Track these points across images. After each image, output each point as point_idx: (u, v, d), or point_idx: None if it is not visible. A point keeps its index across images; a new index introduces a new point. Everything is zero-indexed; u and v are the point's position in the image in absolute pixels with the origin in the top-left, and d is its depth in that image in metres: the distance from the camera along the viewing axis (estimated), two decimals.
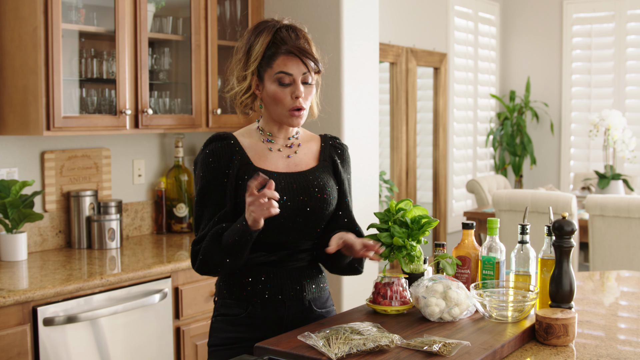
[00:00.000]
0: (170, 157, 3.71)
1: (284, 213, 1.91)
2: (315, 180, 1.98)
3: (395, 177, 5.76)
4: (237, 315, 1.97)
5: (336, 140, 2.12)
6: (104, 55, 3.13)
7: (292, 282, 1.98)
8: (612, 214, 4.42)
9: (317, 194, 1.96)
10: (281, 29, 1.94)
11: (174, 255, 3.08)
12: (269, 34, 1.93)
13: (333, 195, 2.00)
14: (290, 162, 2.00)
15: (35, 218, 2.90)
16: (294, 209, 1.93)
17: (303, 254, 2.01)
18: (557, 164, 7.04)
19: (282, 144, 2.02)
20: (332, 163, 2.06)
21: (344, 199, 2.05)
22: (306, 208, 1.94)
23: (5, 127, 2.92)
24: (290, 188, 1.94)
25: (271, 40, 1.92)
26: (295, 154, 2.02)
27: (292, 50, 1.90)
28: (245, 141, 1.99)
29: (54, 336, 2.49)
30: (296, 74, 1.92)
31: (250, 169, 1.94)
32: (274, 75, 1.92)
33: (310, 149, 2.06)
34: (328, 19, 3.54)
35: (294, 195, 1.94)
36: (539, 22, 7.05)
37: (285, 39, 1.91)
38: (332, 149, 2.08)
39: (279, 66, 1.91)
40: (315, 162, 2.04)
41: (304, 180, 1.97)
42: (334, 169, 2.06)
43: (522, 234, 2.08)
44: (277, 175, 1.95)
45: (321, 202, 1.96)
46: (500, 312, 1.93)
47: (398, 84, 5.70)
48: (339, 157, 2.08)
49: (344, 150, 2.11)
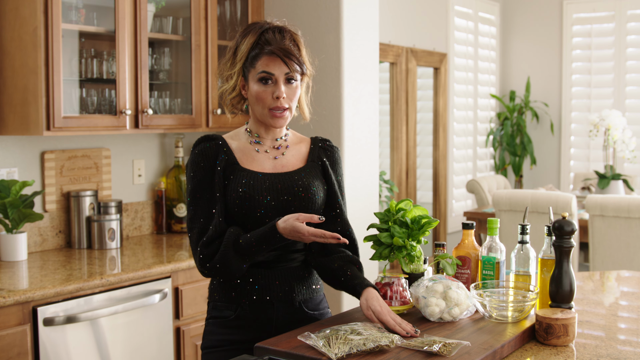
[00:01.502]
0: (170, 157, 3.71)
1: (268, 212, 1.92)
2: (300, 180, 1.98)
3: (395, 177, 5.76)
4: (227, 317, 1.97)
5: (326, 142, 2.12)
6: (104, 55, 3.13)
7: (281, 283, 1.98)
8: (612, 214, 4.42)
9: (301, 194, 1.96)
10: (268, 30, 1.95)
11: (174, 255, 3.08)
12: (254, 34, 1.95)
13: (318, 194, 2.00)
14: (277, 164, 2.01)
15: (35, 218, 2.90)
16: (279, 209, 1.93)
17: (295, 255, 2.01)
18: (557, 164, 7.04)
19: (269, 145, 2.03)
20: (321, 164, 2.06)
21: (336, 199, 2.05)
22: (290, 208, 1.95)
23: (5, 127, 2.92)
24: (275, 188, 1.95)
25: (256, 41, 1.94)
26: (282, 155, 2.03)
27: (274, 51, 1.91)
28: (233, 143, 2.01)
29: (54, 336, 2.49)
30: (278, 74, 1.93)
31: (237, 169, 1.95)
32: (257, 75, 1.94)
33: (298, 150, 2.07)
34: (328, 19, 3.54)
35: (277, 194, 1.94)
36: (539, 22, 7.05)
37: (269, 40, 1.93)
38: (321, 151, 2.08)
39: (261, 66, 1.93)
40: (303, 164, 2.04)
41: (289, 180, 1.97)
42: (323, 170, 2.06)
43: (522, 234, 2.08)
44: (262, 175, 1.96)
45: (305, 201, 1.96)
46: (500, 312, 1.93)
47: (398, 84, 5.70)
48: (327, 158, 2.08)
49: (334, 151, 2.11)
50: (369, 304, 1.87)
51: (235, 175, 1.94)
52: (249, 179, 1.94)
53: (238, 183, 1.93)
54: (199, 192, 1.94)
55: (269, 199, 1.93)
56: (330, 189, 2.05)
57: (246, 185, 1.93)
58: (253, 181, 1.94)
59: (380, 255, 2.03)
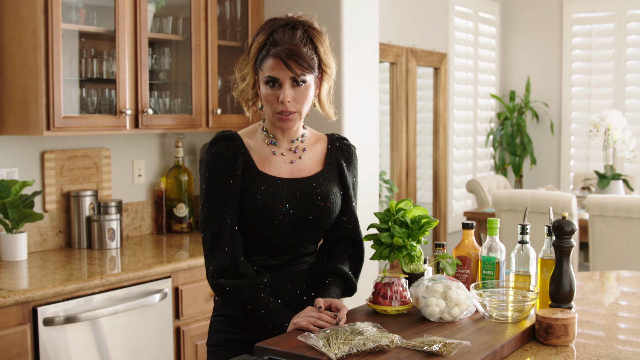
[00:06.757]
0: (170, 157, 3.71)
1: (286, 220, 1.91)
2: (319, 187, 1.96)
3: (395, 177, 5.76)
4: (237, 316, 1.96)
5: (344, 142, 2.08)
6: (104, 55, 3.13)
7: (292, 286, 1.98)
8: (612, 214, 4.42)
9: (320, 202, 1.94)
10: (278, 28, 1.89)
11: (174, 255, 3.08)
12: (264, 34, 1.90)
13: (337, 202, 1.99)
14: (294, 168, 1.98)
15: (35, 218, 2.90)
16: (297, 217, 1.92)
17: (305, 258, 2.01)
18: (557, 164, 7.04)
19: (286, 147, 1.99)
20: (338, 167, 2.03)
21: (349, 204, 2.03)
22: (309, 216, 1.93)
23: (5, 127, 2.92)
24: (294, 195, 1.92)
25: (264, 41, 1.89)
26: (299, 159, 1.99)
27: (278, 54, 1.85)
28: (250, 142, 1.97)
29: (54, 336, 2.49)
30: (283, 77, 1.87)
31: (255, 174, 1.92)
32: (263, 78, 1.90)
33: (315, 152, 2.03)
34: (328, 19, 3.54)
35: (297, 202, 1.92)
36: (539, 22, 7.05)
37: (277, 41, 1.87)
38: (339, 152, 2.05)
39: (267, 70, 1.88)
40: (320, 167, 2.01)
41: (308, 187, 1.95)
42: (340, 173, 2.03)
43: (522, 234, 2.08)
44: (280, 181, 1.93)
45: (324, 210, 1.95)
46: (500, 312, 1.93)
47: (398, 84, 5.70)
48: (345, 159, 2.05)
49: (352, 152, 2.07)
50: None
51: (253, 180, 1.91)
52: (268, 185, 1.91)
53: (257, 189, 1.90)
54: (213, 193, 1.91)
55: (288, 207, 1.90)
56: (345, 194, 2.03)
57: (265, 193, 1.90)
58: (272, 188, 1.91)
59: (380, 255, 2.03)
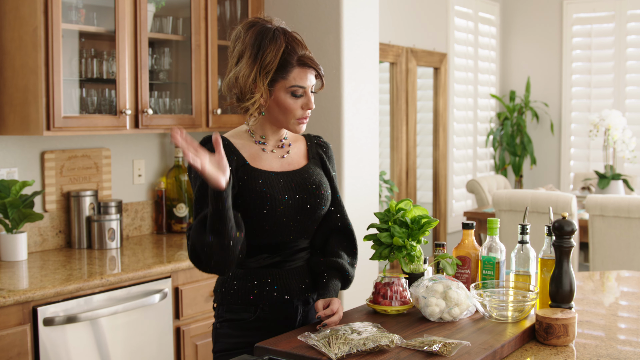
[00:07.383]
0: (170, 157, 3.71)
1: (286, 211, 1.93)
2: (311, 177, 2.00)
3: (395, 177, 5.76)
4: (246, 319, 1.96)
5: (320, 139, 2.15)
6: (104, 55, 3.13)
7: (297, 281, 1.99)
8: (612, 214, 4.42)
9: (315, 191, 1.98)
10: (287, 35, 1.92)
11: (174, 255, 3.08)
12: (281, 42, 1.89)
13: (328, 191, 2.03)
14: (284, 162, 2.02)
15: (35, 218, 2.90)
16: (295, 207, 1.95)
17: (302, 253, 2.02)
18: (557, 164, 7.04)
19: (273, 144, 2.03)
20: (321, 160, 2.09)
21: (335, 194, 2.07)
22: (306, 205, 1.96)
23: (5, 127, 2.92)
24: (290, 187, 1.96)
25: (284, 50, 1.89)
26: (288, 153, 2.04)
27: (306, 62, 1.91)
28: (238, 142, 1.99)
29: (54, 336, 2.49)
30: (307, 85, 1.94)
31: (249, 169, 1.94)
32: (288, 88, 1.91)
33: (299, 148, 2.08)
34: (328, 19, 3.54)
35: (293, 193, 1.95)
36: (539, 22, 7.05)
37: (295, 49, 1.91)
38: (318, 147, 2.11)
39: (295, 79, 1.91)
40: (306, 161, 2.06)
41: (301, 178, 1.99)
42: (323, 166, 2.09)
43: (522, 234, 2.08)
44: (274, 174, 1.96)
45: (319, 198, 1.99)
46: (500, 312, 1.93)
47: (398, 84, 5.70)
48: (324, 154, 2.11)
49: (328, 147, 2.15)
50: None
51: (249, 176, 1.93)
52: (264, 178, 1.94)
53: (255, 183, 1.92)
54: (205, 194, 1.88)
55: (287, 197, 1.94)
56: (331, 185, 2.07)
57: (265, 185, 1.92)
58: (269, 180, 1.94)
59: (380, 255, 2.04)
